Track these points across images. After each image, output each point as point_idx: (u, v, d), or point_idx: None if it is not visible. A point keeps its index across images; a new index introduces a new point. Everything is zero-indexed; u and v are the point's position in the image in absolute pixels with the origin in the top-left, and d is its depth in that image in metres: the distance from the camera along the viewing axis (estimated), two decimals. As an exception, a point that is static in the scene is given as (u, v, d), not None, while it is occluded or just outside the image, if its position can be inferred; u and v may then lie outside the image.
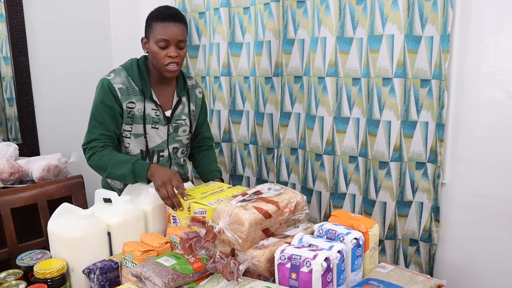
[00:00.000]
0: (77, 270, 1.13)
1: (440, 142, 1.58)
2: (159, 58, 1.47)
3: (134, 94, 1.50)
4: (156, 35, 1.45)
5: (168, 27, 1.45)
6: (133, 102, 1.50)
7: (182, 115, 1.61)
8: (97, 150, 1.45)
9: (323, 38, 1.74)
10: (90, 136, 1.48)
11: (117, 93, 1.47)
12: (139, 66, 1.54)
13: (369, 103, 1.68)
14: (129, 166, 1.39)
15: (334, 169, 1.83)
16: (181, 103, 1.61)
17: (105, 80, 1.48)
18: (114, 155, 1.44)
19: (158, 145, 1.57)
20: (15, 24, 2.22)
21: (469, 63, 1.51)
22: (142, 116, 1.51)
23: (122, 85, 1.49)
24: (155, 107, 1.53)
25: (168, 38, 1.45)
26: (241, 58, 2.03)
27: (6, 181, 1.93)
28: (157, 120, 1.54)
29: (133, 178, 1.39)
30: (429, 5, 1.53)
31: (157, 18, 1.46)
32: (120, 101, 1.48)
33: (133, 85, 1.51)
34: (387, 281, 1.07)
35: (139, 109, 1.50)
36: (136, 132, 1.52)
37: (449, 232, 1.65)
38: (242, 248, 1.06)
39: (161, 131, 1.56)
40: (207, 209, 1.23)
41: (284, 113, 1.96)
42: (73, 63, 2.47)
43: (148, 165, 1.39)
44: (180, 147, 1.64)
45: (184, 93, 1.62)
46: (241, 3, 1.99)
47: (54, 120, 2.43)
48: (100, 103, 1.47)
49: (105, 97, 1.47)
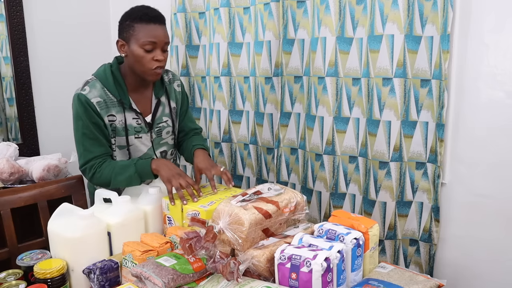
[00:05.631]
0: (77, 270, 1.13)
1: (440, 142, 1.58)
2: (144, 61, 1.40)
3: (112, 106, 1.44)
4: (140, 37, 1.38)
5: (155, 29, 1.39)
6: (113, 114, 1.44)
7: (163, 117, 1.56)
8: (97, 167, 1.42)
9: (323, 38, 1.74)
10: (88, 156, 1.42)
11: (96, 108, 1.41)
12: (113, 73, 1.46)
13: (369, 103, 1.68)
14: (132, 168, 1.38)
15: (334, 169, 1.83)
16: (160, 104, 1.55)
17: (82, 96, 1.41)
18: (115, 164, 1.42)
19: (145, 153, 1.53)
20: (15, 24, 2.22)
21: (469, 63, 1.51)
22: (124, 127, 1.46)
23: (99, 98, 1.42)
24: (135, 115, 1.48)
25: (156, 41, 1.39)
26: (241, 58, 2.03)
27: (6, 181, 1.93)
28: (139, 129, 1.49)
29: (138, 178, 1.39)
30: (429, 5, 1.53)
31: (141, 19, 1.39)
32: (101, 115, 1.42)
33: (110, 96, 1.44)
34: (387, 281, 1.07)
35: (120, 120, 1.45)
36: (119, 144, 1.48)
37: (449, 232, 1.65)
38: (242, 248, 1.07)
39: (145, 139, 1.52)
40: (200, 211, 1.23)
41: (284, 113, 1.95)
42: (73, 63, 2.48)
43: (150, 161, 1.39)
44: (168, 149, 1.62)
45: (162, 92, 1.56)
46: (241, 3, 1.99)
47: (54, 120, 2.43)
48: (85, 120, 1.40)
49: (87, 114, 1.40)
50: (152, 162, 1.38)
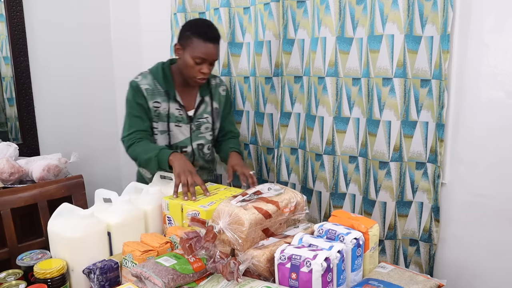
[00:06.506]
0: (77, 270, 1.13)
1: (440, 142, 1.58)
2: (192, 71, 1.60)
3: (159, 94, 1.65)
4: (195, 51, 1.57)
5: (209, 48, 1.57)
6: (159, 102, 1.65)
7: (204, 113, 1.74)
8: (135, 141, 1.60)
9: (323, 38, 1.74)
10: (129, 130, 1.63)
11: (144, 92, 1.63)
12: (164, 69, 1.67)
13: (369, 103, 1.68)
14: (155, 151, 1.53)
15: (334, 169, 1.83)
16: (203, 103, 1.74)
17: (134, 82, 1.65)
18: (147, 144, 1.59)
19: (181, 141, 1.71)
20: (15, 24, 2.22)
21: (469, 63, 1.51)
22: (167, 114, 1.66)
23: (148, 85, 1.64)
24: (178, 107, 1.68)
25: (206, 58, 1.58)
26: (241, 58, 2.03)
27: (6, 181, 1.93)
28: (180, 118, 1.69)
29: (156, 162, 1.52)
30: (429, 5, 1.53)
31: (200, 35, 1.57)
32: (146, 99, 1.63)
33: (158, 87, 1.65)
34: (387, 281, 1.07)
35: (164, 108, 1.65)
36: (161, 129, 1.67)
37: (449, 232, 1.65)
38: (242, 248, 1.07)
39: (184, 129, 1.70)
40: (200, 211, 1.23)
41: (284, 113, 1.95)
42: (73, 63, 2.48)
43: (172, 152, 1.51)
44: (205, 144, 1.77)
45: (207, 92, 1.75)
46: (241, 3, 1.99)
47: (54, 120, 2.43)
48: (133, 101, 1.63)
49: (136, 96, 1.63)
50: (172, 154, 1.50)
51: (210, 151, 1.82)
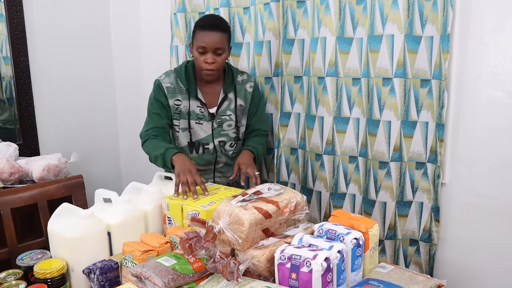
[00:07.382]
0: (77, 270, 1.13)
1: (440, 142, 1.58)
2: (198, 62, 1.63)
3: (180, 92, 1.69)
4: (197, 42, 1.61)
5: (207, 35, 1.58)
6: (179, 100, 1.69)
7: (227, 111, 1.74)
8: (150, 138, 1.64)
9: (323, 38, 1.74)
10: (147, 126, 1.68)
11: (164, 90, 1.68)
12: (187, 68, 1.71)
13: (369, 103, 1.68)
14: (162, 150, 1.55)
15: (334, 169, 1.83)
16: (227, 99, 1.74)
17: (157, 80, 1.71)
18: (158, 142, 1.62)
19: (203, 138, 1.73)
20: (15, 24, 2.22)
21: (469, 63, 1.51)
22: (187, 112, 1.69)
23: (170, 84, 1.69)
24: (200, 104, 1.70)
25: (205, 46, 1.59)
26: (241, 58, 2.03)
27: (6, 181, 1.93)
28: (201, 116, 1.70)
29: (162, 160, 1.55)
30: (429, 5, 1.53)
31: (200, 26, 1.61)
32: (167, 97, 1.68)
33: (180, 85, 1.69)
34: (387, 281, 1.07)
35: (185, 106, 1.69)
36: (183, 126, 1.71)
37: (449, 232, 1.65)
38: (242, 248, 1.07)
39: (205, 126, 1.72)
40: (200, 211, 1.23)
41: (284, 113, 1.95)
42: (73, 63, 2.48)
43: (176, 152, 1.53)
44: (227, 141, 1.76)
45: (231, 89, 1.74)
46: (241, 3, 1.99)
47: (54, 120, 2.43)
48: (153, 98, 1.69)
49: (157, 94, 1.69)
50: (175, 154, 1.53)
51: (234, 148, 1.79)
